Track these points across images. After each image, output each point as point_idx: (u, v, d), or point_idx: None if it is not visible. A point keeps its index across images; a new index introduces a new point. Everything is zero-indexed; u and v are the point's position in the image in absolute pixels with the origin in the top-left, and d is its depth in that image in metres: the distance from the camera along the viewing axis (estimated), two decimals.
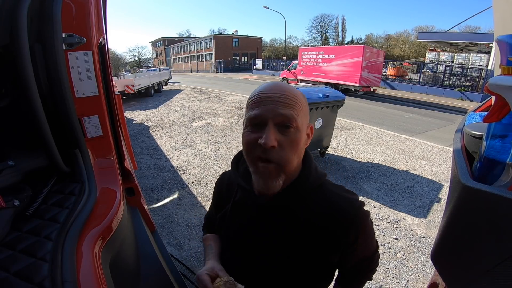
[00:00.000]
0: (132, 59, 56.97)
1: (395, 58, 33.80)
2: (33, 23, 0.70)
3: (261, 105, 0.51)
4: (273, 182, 0.53)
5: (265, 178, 0.53)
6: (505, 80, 0.58)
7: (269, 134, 0.49)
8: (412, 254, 2.20)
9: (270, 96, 0.51)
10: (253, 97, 0.54)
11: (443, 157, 4.44)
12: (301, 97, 0.55)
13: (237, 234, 0.67)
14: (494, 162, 0.70)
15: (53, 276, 0.48)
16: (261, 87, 0.54)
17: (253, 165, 0.54)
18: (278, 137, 0.51)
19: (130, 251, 0.92)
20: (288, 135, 0.51)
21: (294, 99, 0.52)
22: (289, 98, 0.52)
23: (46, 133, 0.71)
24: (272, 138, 0.49)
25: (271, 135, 0.49)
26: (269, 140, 0.49)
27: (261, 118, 0.51)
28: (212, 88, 14.71)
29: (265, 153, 0.50)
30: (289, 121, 0.51)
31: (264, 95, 0.52)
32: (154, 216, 2.68)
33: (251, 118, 0.52)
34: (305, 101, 0.56)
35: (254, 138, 0.51)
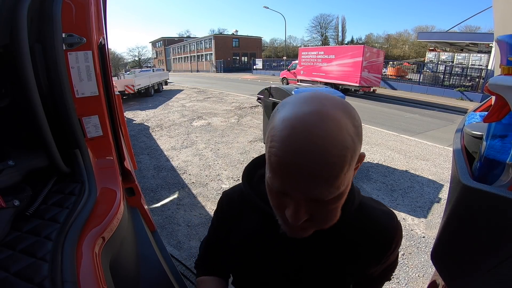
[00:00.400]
0: (132, 59, 57.03)
1: (395, 58, 33.81)
2: (33, 23, 0.70)
3: (285, 177, 0.35)
4: (300, 235, 0.44)
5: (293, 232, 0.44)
6: (505, 80, 0.58)
7: (297, 213, 0.37)
8: (412, 254, 2.20)
9: (298, 170, 0.33)
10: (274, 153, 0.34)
11: (443, 157, 4.44)
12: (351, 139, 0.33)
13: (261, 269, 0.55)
14: (494, 162, 0.70)
15: (53, 276, 0.48)
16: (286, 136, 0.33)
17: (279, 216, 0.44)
18: (310, 209, 0.38)
19: (130, 251, 0.92)
20: (326, 204, 0.38)
21: (338, 163, 0.33)
22: (331, 165, 0.32)
23: (46, 133, 0.71)
24: (301, 216, 0.38)
25: (299, 214, 0.37)
26: (297, 219, 0.38)
27: (286, 192, 0.37)
28: (212, 88, 14.71)
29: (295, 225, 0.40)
30: (326, 197, 0.36)
31: (287, 165, 0.33)
32: (154, 216, 2.68)
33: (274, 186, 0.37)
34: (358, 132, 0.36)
35: (278, 203, 0.40)
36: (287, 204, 0.38)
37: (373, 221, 0.53)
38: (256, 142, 4.99)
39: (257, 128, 5.89)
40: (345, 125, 0.33)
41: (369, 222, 0.53)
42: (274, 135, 0.35)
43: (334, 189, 0.35)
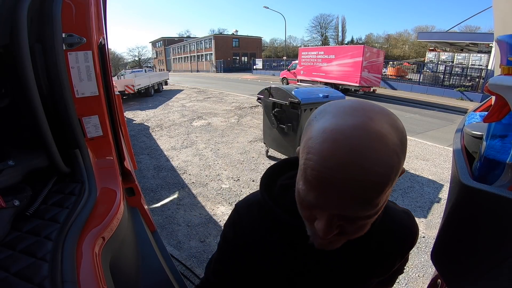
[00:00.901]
0: (132, 59, 57.05)
1: (395, 58, 33.81)
2: (33, 23, 0.70)
3: (321, 192, 0.32)
4: (329, 247, 0.41)
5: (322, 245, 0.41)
6: (505, 80, 0.58)
7: (328, 227, 0.35)
8: (412, 254, 2.20)
9: (338, 187, 0.30)
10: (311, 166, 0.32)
11: (443, 157, 4.44)
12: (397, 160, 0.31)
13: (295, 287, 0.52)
14: (494, 162, 0.70)
15: (53, 276, 0.48)
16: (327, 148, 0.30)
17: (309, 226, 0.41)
18: (341, 225, 0.36)
19: (130, 251, 0.92)
20: (360, 221, 0.36)
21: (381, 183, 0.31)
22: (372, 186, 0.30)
23: (46, 133, 0.71)
24: (332, 230, 0.36)
25: (330, 228, 0.36)
26: (327, 234, 0.36)
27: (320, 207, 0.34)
28: (212, 88, 14.70)
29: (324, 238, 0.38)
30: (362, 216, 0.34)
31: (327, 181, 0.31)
32: (154, 216, 2.68)
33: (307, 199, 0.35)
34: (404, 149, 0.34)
35: (309, 216, 0.38)
36: (319, 216, 0.36)
37: (397, 223, 0.54)
38: (256, 142, 4.99)
39: (257, 128, 5.89)
40: (392, 142, 0.31)
41: (394, 224, 0.53)
42: (312, 147, 0.32)
43: (372, 208, 0.33)
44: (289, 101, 3.32)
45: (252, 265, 0.54)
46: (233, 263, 0.56)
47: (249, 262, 0.54)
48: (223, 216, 2.69)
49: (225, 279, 0.58)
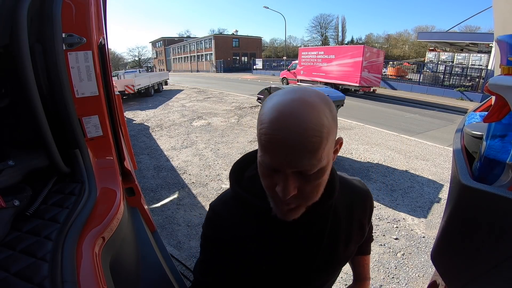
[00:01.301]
0: (132, 59, 57.06)
1: (395, 58, 33.81)
2: (33, 23, 0.70)
3: (274, 151, 0.40)
4: (293, 216, 0.48)
5: (287, 213, 0.47)
6: (505, 80, 0.58)
7: (286, 187, 0.42)
8: (412, 254, 2.20)
9: (286, 142, 0.38)
10: (263, 133, 0.40)
11: (443, 157, 4.44)
12: (327, 120, 0.40)
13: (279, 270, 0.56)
14: (494, 162, 0.70)
15: (53, 276, 0.48)
16: (273, 117, 0.39)
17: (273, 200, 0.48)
18: (298, 183, 0.43)
19: (130, 251, 0.92)
20: (311, 178, 0.43)
21: (318, 136, 0.38)
22: (311, 138, 0.38)
23: (46, 133, 0.71)
24: (290, 190, 0.42)
25: (289, 188, 0.42)
26: (287, 193, 0.42)
27: (275, 166, 0.41)
28: (212, 88, 14.71)
29: (284, 201, 0.44)
30: (310, 169, 0.41)
31: (278, 138, 0.38)
32: (154, 216, 2.68)
33: (264, 162, 0.43)
34: (333, 117, 0.42)
35: (270, 182, 0.45)
36: (278, 181, 0.43)
37: (356, 191, 0.64)
38: (256, 142, 4.99)
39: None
40: (322, 109, 0.40)
41: (353, 193, 0.63)
42: (263, 119, 0.41)
43: (316, 161, 0.40)
44: None
45: (236, 257, 0.56)
46: (218, 260, 0.58)
47: (232, 255, 0.56)
48: None
49: (213, 276, 0.60)
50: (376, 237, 2.41)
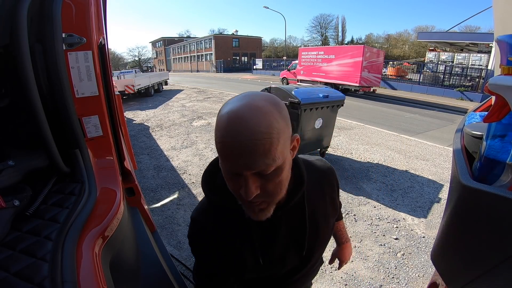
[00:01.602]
0: (132, 59, 57.06)
1: (395, 58, 33.80)
2: (33, 23, 0.70)
3: (230, 156, 0.42)
4: (264, 215, 0.51)
5: (257, 213, 0.50)
6: (505, 80, 0.58)
7: (248, 187, 0.44)
8: (412, 254, 2.20)
9: (239, 147, 0.40)
10: (219, 141, 0.42)
11: (443, 157, 4.44)
12: (276, 123, 0.42)
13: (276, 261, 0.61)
14: (494, 162, 0.70)
15: (53, 276, 0.48)
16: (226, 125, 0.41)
17: (243, 203, 0.50)
18: (259, 183, 0.45)
19: (130, 251, 0.92)
20: (270, 177, 0.45)
21: (268, 138, 0.41)
22: (261, 141, 0.40)
23: (46, 133, 0.71)
24: (252, 190, 0.44)
25: (250, 188, 0.44)
26: (249, 194, 0.44)
27: (234, 171, 0.44)
28: (212, 88, 14.70)
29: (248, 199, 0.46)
30: (266, 170, 0.43)
31: (231, 145, 0.41)
32: (154, 216, 2.68)
33: (225, 169, 0.46)
34: (283, 118, 0.44)
35: (235, 186, 0.47)
36: (240, 184, 0.45)
37: (320, 170, 0.69)
38: None
39: None
40: (270, 111, 0.42)
41: (319, 172, 0.69)
42: (217, 129, 0.43)
43: (271, 161, 0.43)
44: (289, 101, 3.32)
45: (229, 259, 0.58)
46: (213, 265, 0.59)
47: (225, 258, 0.58)
48: None
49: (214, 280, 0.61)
50: (376, 237, 2.41)
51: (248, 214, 0.52)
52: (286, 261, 0.62)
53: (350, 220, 2.65)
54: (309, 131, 3.60)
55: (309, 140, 3.69)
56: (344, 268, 2.04)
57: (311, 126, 3.60)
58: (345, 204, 2.92)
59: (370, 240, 2.36)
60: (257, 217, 0.51)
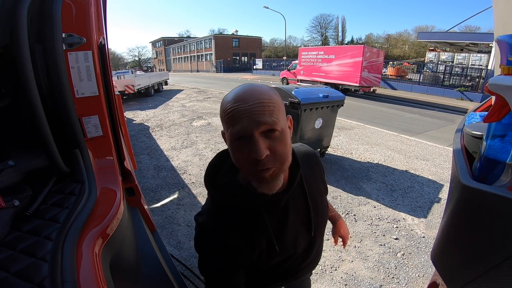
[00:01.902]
0: (132, 59, 57.06)
1: (395, 58, 33.80)
2: (33, 23, 0.70)
3: (240, 118, 0.48)
4: (276, 184, 0.54)
5: (270, 182, 0.53)
6: (505, 80, 0.58)
7: (259, 146, 0.48)
8: (412, 254, 2.20)
9: (248, 108, 0.48)
10: (229, 111, 0.49)
11: (443, 157, 4.44)
12: (275, 96, 0.52)
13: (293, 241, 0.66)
14: (494, 162, 0.70)
15: (53, 276, 0.48)
16: (234, 97, 0.50)
17: (253, 176, 0.53)
18: (268, 144, 0.49)
19: (130, 251, 0.92)
20: (276, 138, 0.50)
21: (271, 103, 0.50)
22: (266, 103, 0.49)
23: (46, 133, 0.71)
24: (263, 149, 0.48)
25: (261, 147, 0.48)
26: (261, 153, 0.48)
27: (245, 132, 0.48)
28: (212, 88, 14.70)
29: (262, 164, 0.49)
30: (272, 126, 0.49)
31: (241, 108, 0.48)
32: (154, 216, 2.68)
33: (234, 134, 0.49)
34: (279, 97, 0.54)
35: (245, 154, 0.50)
36: (250, 149, 0.49)
37: (305, 155, 0.76)
38: None
39: None
40: (268, 88, 0.53)
41: (306, 156, 0.76)
42: (226, 106, 0.51)
43: (275, 119, 0.50)
44: (289, 101, 3.32)
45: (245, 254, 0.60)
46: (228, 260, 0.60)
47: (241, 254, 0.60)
48: None
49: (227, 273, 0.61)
50: (376, 237, 2.41)
51: (261, 189, 0.54)
52: (298, 243, 0.68)
53: (350, 220, 2.65)
54: (309, 131, 3.60)
55: (309, 140, 3.69)
56: (344, 268, 2.04)
57: (311, 126, 3.60)
58: (345, 204, 2.92)
59: (370, 240, 2.36)
60: (269, 188, 0.54)
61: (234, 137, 0.50)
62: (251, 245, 0.60)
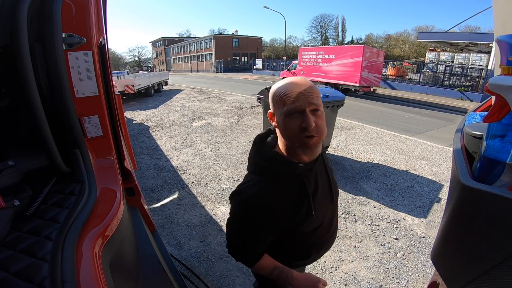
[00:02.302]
0: (132, 59, 57.06)
1: (395, 58, 33.78)
2: (33, 23, 0.70)
3: (297, 99, 0.66)
4: (316, 151, 0.73)
5: (313, 148, 0.70)
6: (505, 80, 0.58)
7: (309, 118, 0.65)
8: (412, 254, 2.20)
9: (302, 91, 0.66)
10: (287, 92, 0.67)
11: (443, 157, 4.44)
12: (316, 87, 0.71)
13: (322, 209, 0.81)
14: (494, 162, 0.70)
15: (53, 276, 0.48)
16: (290, 84, 0.68)
17: (301, 142, 0.68)
18: (314, 119, 0.66)
19: (130, 251, 0.92)
20: (319, 116, 0.68)
21: (317, 91, 0.68)
22: (314, 90, 0.68)
23: (46, 133, 0.71)
24: (312, 121, 0.65)
25: (311, 119, 0.65)
26: (311, 123, 0.65)
27: (300, 108, 0.66)
28: (212, 88, 14.70)
29: (309, 131, 0.66)
30: (317, 107, 0.67)
31: (300, 93, 0.66)
32: (154, 216, 2.68)
33: (292, 109, 0.66)
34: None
35: (296, 124, 0.66)
36: (303, 120, 0.65)
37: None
38: None
39: (257, 128, 5.89)
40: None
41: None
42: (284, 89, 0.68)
43: (320, 102, 0.69)
44: None
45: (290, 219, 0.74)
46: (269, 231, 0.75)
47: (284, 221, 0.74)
48: (223, 216, 2.69)
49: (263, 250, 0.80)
50: (376, 237, 2.41)
51: (305, 154, 0.71)
52: (325, 212, 0.83)
53: (350, 220, 2.65)
54: None
55: None
56: (344, 268, 2.04)
57: None
58: (345, 204, 2.92)
59: (370, 240, 2.36)
60: (312, 153, 0.72)
61: (291, 112, 0.66)
62: (297, 206, 0.74)
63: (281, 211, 0.72)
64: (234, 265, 2.05)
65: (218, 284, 1.88)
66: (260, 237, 0.76)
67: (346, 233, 2.45)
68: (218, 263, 2.08)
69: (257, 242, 0.77)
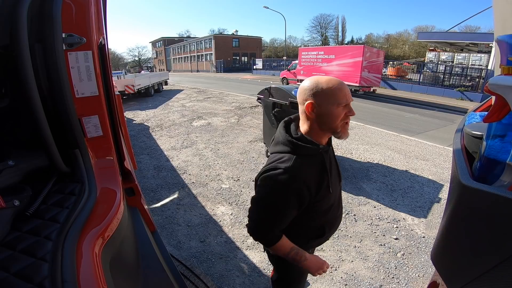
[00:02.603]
0: (132, 59, 57.06)
1: (395, 58, 33.77)
2: (33, 23, 0.70)
3: (346, 93, 0.81)
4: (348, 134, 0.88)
5: (347, 132, 0.86)
6: (505, 80, 0.58)
7: (352, 109, 0.84)
8: (412, 254, 2.20)
9: (346, 88, 0.82)
10: (339, 88, 0.80)
11: (443, 157, 4.44)
12: None
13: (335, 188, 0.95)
14: (494, 162, 0.70)
15: (53, 276, 0.48)
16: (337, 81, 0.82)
17: (343, 127, 0.85)
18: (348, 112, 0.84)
19: (130, 251, 0.92)
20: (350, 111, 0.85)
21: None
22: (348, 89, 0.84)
23: (46, 133, 0.71)
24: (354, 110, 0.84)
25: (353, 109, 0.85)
26: (354, 112, 0.84)
27: (348, 101, 0.82)
28: (212, 88, 14.70)
29: (349, 119, 0.84)
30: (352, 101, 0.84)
31: (346, 90, 0.81)
32: (154, 216, 2.68)
33: (343, 102, 0.81)
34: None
35: (343, 113, 0.82)
36: (348, 110, 0.83)
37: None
38: (256, 142, 4.99)
39: (257, 128, 5.89)
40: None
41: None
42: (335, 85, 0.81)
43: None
44: (289, 101, 3.32)
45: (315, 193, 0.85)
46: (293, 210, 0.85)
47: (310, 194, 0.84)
48: (223, 216, 2.69)
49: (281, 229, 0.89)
50: (376, 237, 2.41)
51: (344, 135, 0.86)
52: (336, 190, 0.96)
53: (350, 220, 2.65)
54: None
55: None
56: (344, 268, 2.04)
57: None
58: (345, 204, 2.92)
59: (370, 240, 2.36)
60: (346, 135, 0.86)
61: (342, 103, 0.81)
62: (320, 181, 0.85)
63: (308, 183, 0.82)
64: (234, 265, 2.05)
65: (218, 284, 1.88)
66: (287, 213, 0.84)
67: (346, 233, 2.45)
68: (218, 263, 2.08)
69: (283, 218, 0.85)
